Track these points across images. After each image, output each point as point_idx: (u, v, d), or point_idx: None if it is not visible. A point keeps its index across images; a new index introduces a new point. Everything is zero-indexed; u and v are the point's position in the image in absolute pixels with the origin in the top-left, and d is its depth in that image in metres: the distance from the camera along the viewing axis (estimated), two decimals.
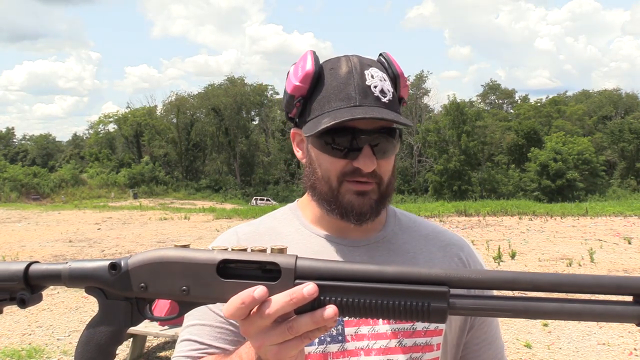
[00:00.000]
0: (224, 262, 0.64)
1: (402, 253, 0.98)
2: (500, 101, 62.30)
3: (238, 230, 1.02)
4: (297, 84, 0.90)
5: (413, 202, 36.76)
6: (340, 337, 0.89)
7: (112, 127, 60.86)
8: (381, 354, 0.89)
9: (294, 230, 1.00)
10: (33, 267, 0.66)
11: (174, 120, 55.92)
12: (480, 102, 59.00)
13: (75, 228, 17.00)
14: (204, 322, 0.92)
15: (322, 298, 0.61)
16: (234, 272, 0.64)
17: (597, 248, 10.57)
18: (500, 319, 0.68)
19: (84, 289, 0.67)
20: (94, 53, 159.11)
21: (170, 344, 5.19)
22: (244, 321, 0.63)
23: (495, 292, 0.72)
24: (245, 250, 0.65)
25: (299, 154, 0.99)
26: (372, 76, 0.89)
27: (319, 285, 0.61)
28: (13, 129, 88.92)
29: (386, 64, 0.94)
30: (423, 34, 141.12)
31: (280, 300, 0.61)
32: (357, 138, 0.87)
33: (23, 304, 0.66)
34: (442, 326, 0.94)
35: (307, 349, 0.86)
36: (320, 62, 0.92)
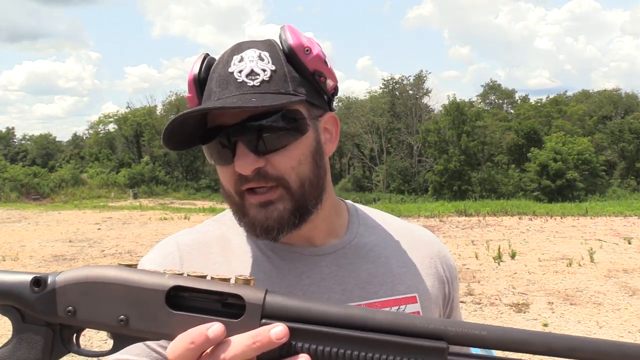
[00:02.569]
0: (176, 289, 0.52)
1: (374, 258, 0.86)
2: (500, 101, 62.29)
3: (179, 241, 0.86)
4: (188, 94, 0.79)
5: (413, 202, 36.74)
6: None
7: (112, 127, 60.86)
8: None
9: (246, 239, 0.84)
10: None
11: None
12: (480, 102, 58.98)
13: (75, 228, 17.01)
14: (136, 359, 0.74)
15: (293, 343, 0.51)
16: (187, 303, 0.52)
17: (597, 248, 10.57)
18: None
19: None
20: (93, 53, 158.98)
21: None
22: None
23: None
24: (204, 277, 0.53)
25: None
26: (240, 60, 0.74)
27: (290, 328, 0.51)
28: (13, 129, 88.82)
29: (280, 38, 0.77)
30: (423, 34, 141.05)
31: (241, 343, 0.49)
32: (227, 136, 0.72)
33: None
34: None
35: None
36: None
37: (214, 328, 0.49)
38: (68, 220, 20.06)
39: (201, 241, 0.86)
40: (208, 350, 0.50)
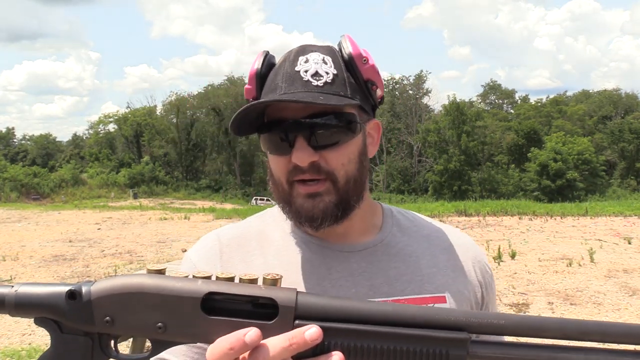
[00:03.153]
0: (210, 294, 0.54)
1: (404, 257, 0.89)
2: (500, 101, 62.30)
3: (221, 235, 0.92)
4: (247, 86, 0.85)
5: (413, 202, 36.77)
6: None
7: (112, 127, 60.88)
8: None
9: (284, 234, 0.90)
10: None
11: (174, 120, 55.89)
12: (480, 102, 58.99)
13: (75, 228, 17.01)
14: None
15: (326, 343, 0.53)
16: (221, 306, 0.54)
17: (597, 248, 10.56)
18: None
19: (32, 319, 0.55)
20: (93, 53, 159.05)
21: None
22: None
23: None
24: (232, 278, 0.55)
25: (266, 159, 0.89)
26: (306, 60, 0.80)
27: (323, 328, 0.52)
28: (13, 129, 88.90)
29: (340, 46, 0.84)
30: (422, 34, 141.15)
31: (278, 346, 0.51)
32: (288, 129, 0.78)
33: None
34: None
35: None
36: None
37: (251, 333, 0.51)
38: (68, 220, 20.06)
39: (241, 235, 0.92)
40: (246, 355, 0.52)
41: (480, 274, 0.93)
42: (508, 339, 0.65)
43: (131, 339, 4.85)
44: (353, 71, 0.82)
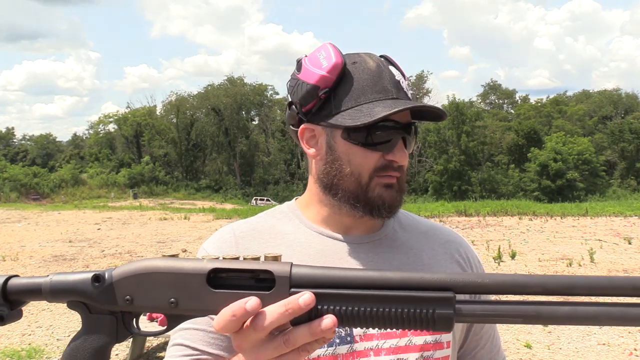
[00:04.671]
0: (214, 272, 0.60)
1: (406, 250, 0.96)
2: (501, 101, 62.29)
3: (235, 228, 0.98)
4: (324, 74, 0.85)
5: (413, 202, 36.76)
6: (349, 338, 0.87)
7: (112, 127, 60.86)
8: (391, 354, 0.87)
9: (295, 228, 0.96)
10: (12, 282, 0.62)
11: (174, 120, 55.90)
12: (480, 102, 58.98)
13: (75, 228, 17.01)
14: (196, 326, 0.87)
15: (319, 307, 0.57)
16: (226, 282, 0.60)
17: (597, 248, 10.57)
18: None
19: (66, 304, 0.62)
20: (93, 53, 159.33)
21: None
22: (237, 334, 0.59)
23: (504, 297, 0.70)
24: (237, 258, 0.61)
25: (311, 151, 0.92)
26: (396, 73, 0.90)
27: (315, 294, 0.57)
28: (13, 129, 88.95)
29: (392, 63, 0.94)
30: (422, 34, 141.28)
31: (275, 312, 0.57)
32: (394, 131, 0.86)
33: (1, 320, 0.61)
34: None
35: (317, 352, 0.84)
36: None
37: (251, 302, 0.57)
38: (68, 220, 20.05)
39: (254, 228, 0.97)
40: (248, 322, 0.58)
41: (464, 256, 1.02)
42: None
43: (130, 340, 4.86)
44: None
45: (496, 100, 62.30)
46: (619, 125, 47.25)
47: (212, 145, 55.75)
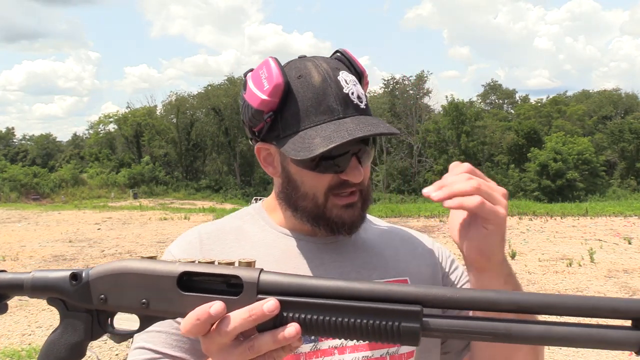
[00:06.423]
0: (187, 275, 0.61)
1: (368, 249, 0.96)
2: (501, 101, 62.27)
3: (201, 230, 0.98)
4: (266, 98, 0.82)
5: (413, 202, 36.74)
6: (313, 337, 0.85)
7: (112, 127, 60.80)
8: (355, 351, 0.87)
9: (260, 230, 0.96)
10: None
11: (174, 120, 55.86)
12: (480, 102, 58.95)
13: (75, 228, 17.00)
14: (159, 329, 0.86)
15: (285, 315, 0.58)
16: (197, 285, 0.61)
17: (597, 248, 10.57)
18: None
19: (45, 300, 0.65)
20: (93, 53, 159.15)
21: None
22: (204, 338, 0.60)
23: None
24: (212, 262, 0.61)
25: (269, 169, 0.93)
26: (346, 81, 0.84)
27: (281, 301, 0.58)
28: (13, 129, 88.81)
29: (348, 62, 0.89)
30: (422, 34, 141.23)
31: (239, 317, 0.57)
32: (344, 151, 0.82)
33: None
34: None
35: None
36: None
37: (215, 306, 0.57)
38: (68, 220, 20.05)
39: (220, 229, 0.97)
40: (214, 325, 0.59)
41: (437, 254, 1.02)
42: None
43: (131, 340, 4.85)
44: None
45: (496, 100, 62.27)
46: (619, 125, 47.21)
47: (212, 145, 55.72)
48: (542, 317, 0.59)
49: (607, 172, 44.62)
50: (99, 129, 61.58)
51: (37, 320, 6.47)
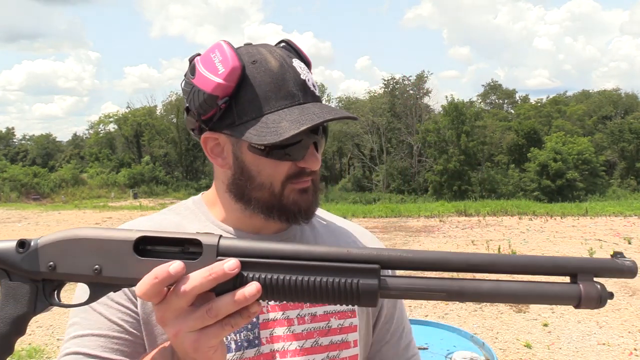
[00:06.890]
0: (144, 242, 0.59)
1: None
2: (501, 101, 62.27)
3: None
4: (221, 82, 0.77)
5: (413, 202, 36.73)
6: (256, 341, 0.84)
7: (112, 127, 60.82)
8: (297, 355, 0.86)
9: (202, 226, 0.92)
10: None
11: (174, 120, 55.89)
12: (480, 102, 58.96)
13: None
14: (96, 332, 0.79)
15: (245, 275, 0.57)
16: (154, 252, 0.59)
17: (597, 248, 10.57)
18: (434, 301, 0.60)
19: None
20: (93, 53, 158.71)
21: None
22: (160, 306, 0.57)
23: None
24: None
25: (217, 161, 0.87)
26: (301, 68, 0.84)
27: (241, 262, 0.57)
28: (13, 129, 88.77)
29: (295, 52, 0.88)
30: (422, 34, 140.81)
31: (199, 277, 0.56)
32: (304, 138, 0.81)
33: None
34: (355, 321, 0.92)
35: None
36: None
37: (175, 265, 0.56)
38: (68, 220, 20.06)
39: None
40: (172, 289, 0.57)
41: (369, 243, 1.04)
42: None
43: None
44: None
45: (496, 100, 62.27)
46: (618, 125, 47.23)
47: None
48: (493, 278, 0.61)
49: (607, 172, 44.63)
50: (99, 129, 61.61)
51: (37, 320, 6.47)
